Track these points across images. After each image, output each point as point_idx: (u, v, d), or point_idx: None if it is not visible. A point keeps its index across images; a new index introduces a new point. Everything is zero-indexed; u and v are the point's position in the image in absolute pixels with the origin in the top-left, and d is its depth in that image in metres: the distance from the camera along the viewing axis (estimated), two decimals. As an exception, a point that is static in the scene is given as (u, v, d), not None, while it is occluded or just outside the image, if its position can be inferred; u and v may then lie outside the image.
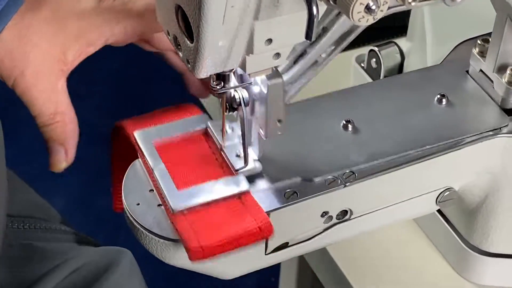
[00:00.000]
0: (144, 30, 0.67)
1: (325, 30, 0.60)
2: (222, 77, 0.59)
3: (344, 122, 0.66)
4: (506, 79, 0.67)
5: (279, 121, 0.60)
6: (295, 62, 0.61)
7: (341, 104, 0.68)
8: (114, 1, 0.66)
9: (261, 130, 0.61)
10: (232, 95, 0.61)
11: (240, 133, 0.63)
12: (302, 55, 0.61)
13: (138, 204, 0.62)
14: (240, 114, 0.61)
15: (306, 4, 0.50)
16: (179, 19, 0.55)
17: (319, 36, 0.60)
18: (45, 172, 1.99)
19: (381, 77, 0.85)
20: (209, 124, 0.65)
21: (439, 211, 0.74)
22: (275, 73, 0.58)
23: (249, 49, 0.55)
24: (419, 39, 0.82)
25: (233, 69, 0.58)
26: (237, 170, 0.62)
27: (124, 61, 2.07)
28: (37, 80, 0.63)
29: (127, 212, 0.62)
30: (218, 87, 0.58)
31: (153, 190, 0.63)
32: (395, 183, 0.65)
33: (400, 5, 0.57)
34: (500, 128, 0.66)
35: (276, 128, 0.60)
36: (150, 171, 0.62)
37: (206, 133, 0.65)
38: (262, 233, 0.59)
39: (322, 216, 0.64)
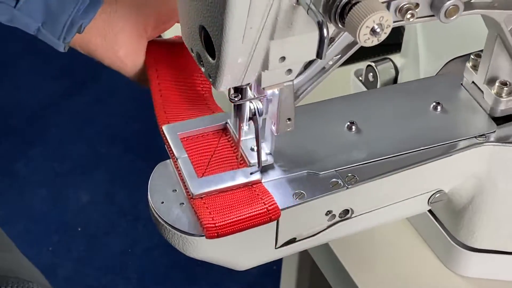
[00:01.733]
0: None
1: (332, 41, 0.60)
2: (239, 90, 0.59)
3: (348, 123, 0.67)
4: (495, 91, 0.68)
5: (289, 119, 0.60)
6: (305, 68, 0.61)
7: (346, 108, 0.69)
8: None
9: (273, 127, 0.61)
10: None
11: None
12: (311, 61, 0.61)
13: (162, 202, 0.62)
14: (254, 123, 0.61)
15: (317, 26, 0.50)
16: (202, 38, 0.55)
17: (328, 45, 0.59)
18: (73, 169, 2.00)
19: (378, 90, 0.85)
20: (228, 121, 0.65)
21: (430, 211, 0.74)
22: None
23: (265, 66, 0.55)
24: (412, 55, 0.82)
25: (249, 83, 0.57)
26: (250, 163, 0.63)
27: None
28: (128, 57, 0.68)
29: (152, 209, 0.62)
30: (236, 98, 0.58)
31: (176, 190, 0.63)
32: (392, 186, 0.65)
33: (400, 21, 0.57)
34: (488, 133, 0.67)
35: (286, 125, 0.61)
36: (174, 160, 0.63)
37: (225, 129, 0.66)
38: (270, 215, 0.59)
39: (326, 214, 0.64)
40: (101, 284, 1.67)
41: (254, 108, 0.61)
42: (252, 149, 0.63)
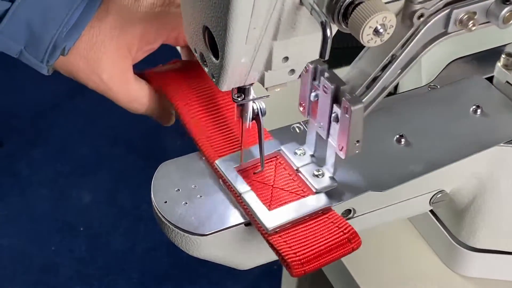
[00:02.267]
0: None
1: (394, 57, 0.60)
2: (242, 90, 0.58)
3: (398, 136, 0.66)
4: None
5: (358, 141, 0.59)
6: (367, 87, 0.60)
7: (389, 120, 0.68)
8: (175, 7, 0.66)
9: (339, 151, 0.60)
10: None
11: (311, 153, 0.63)
12: (374, 80, 0.60)
13: (166, 202, 0.62)
14: (257, 123, 0.61)
15: (320, 27, 0.50)
16: (206, 38, 0.55)
17: (389, 63, 0.60)
18: (76, 170, 2.01)
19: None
20: (282, 148, 0.64)
21: (431, 211, 0.74)
22: (355, 99, 0.57)
23: (268, 66, 0.55)
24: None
25: (252, 83, 0.57)
26: (317, 189, 0.61)
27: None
28: (114, 81, 0.65)
29: (155, 209, 0.62)
30: (239, 99, 0.58)
31: (179, 190, 0.63)
32: (394, 189, 0.64)
33: (460, 30, 0.58)
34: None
35: (355, 148, 0.60)
36: (236, 196, 0.61)
37: (280, 156, 0.64)
38: (352, 245, 0.58)
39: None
40: (103, 284, 1.67)
41: (258, 108, 0.61)
42: (315, 175, 0.62)
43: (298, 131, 0.66)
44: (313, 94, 0.60)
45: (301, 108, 0.63)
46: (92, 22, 0.63)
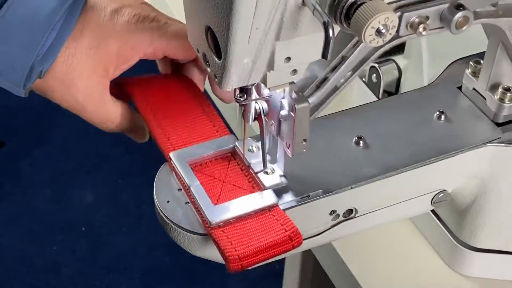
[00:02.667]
0: (173, 54, 0.67)
1: (344, 59, 0.60)
2: (245, 90, 0.59)
3: (356, 138, 0.66)
4: (498, 96, 0.67)
5: (305, 140, 0.60)
6: (318, 87, 0.61)
7: (351, 122, 0.68)
8: (149, 23, 0.65)
9: (287, 149, 0.60)
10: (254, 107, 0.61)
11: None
12: (324, 81, 0.61)
13: (168, 201, 0.62)
14: (260, 123, 0.61)
15: (322, 27, 0.50)
16: (209, 39, 0.55)
17: (339, 64, 0.60)
18: (77, 169, 2.01)
19: (381, 90, 0.85)
20: (236, 144, 0.64)
21: (432, 211, 0.74)
22: (301, 98, 0.57)
23: (270, 66, 0.55)
24: (415, 57, 0.82)
25: (255, 83, 0.58)
26: (265, 186, 0.61)
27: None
28: (89, 102, 0.64)
29: (158, 209, 0.62)
30: (241, 99, 0.59)
31: (181, 190, 0.63)
32: (396, 186, 0.65)
33: (411, 34, 0.57)
34: (493, 140, 0.67)
35: (302, 147, 0.60)
36: (186, 188, 0.62)
37: (234, 152, 0.64)
38: (293, 243, 0.58)
39: (330, 214, 0.64)
40: (104, 284, 1.67)
41: (260, 108, 0.61)
42: (265, 172, 0.62)
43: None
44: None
45: None
46: (67, 42, 0.62)
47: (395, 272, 0.75)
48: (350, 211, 0.65)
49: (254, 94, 0.59)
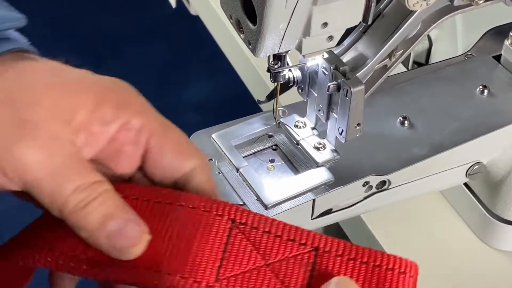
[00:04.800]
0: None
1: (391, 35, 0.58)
2: (278, 57, 0.57)
3: (401, 119, 0.65)
4: (539, 67, 0.65)
5: (358, 124, 0.58)
6: (368, 68, 0.59)
7: (393, 101, 0.66)
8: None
9: (339, 135, 0.59)
10: (287, 76, 0.59)
11: (312, 125, 0.61)
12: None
13: None
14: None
15: (363, -10, 0.49)
16: (243, 4, 0.54)
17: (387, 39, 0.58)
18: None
19: (410, 61, 0.83)
20: (282, 120, 0.62)
21: (465, 183, 0.72)
22: (356, 80, 0.56)
23: (306, 32, 0.54)
24: (448, 26, 0.79)
25: (289, 50, 0.56)
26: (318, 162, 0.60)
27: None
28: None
29: None
30: (275, 66, 0.57)
31: (211, 160, 0.62)
32: (432, 159, 0.63)
33: (469, 5, 0.55)
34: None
35: (355, 131, 0.58)
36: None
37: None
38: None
39: (363, 185, 0.62)
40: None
41: (293, 77, 0.59)
42: (316, 148, 0.60)
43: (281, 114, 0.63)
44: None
45: (300, 90, 0.61)
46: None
47: (426, 247, 0.74)
48: (383, 182, 0.63)
49: (288, 61, 0.58)
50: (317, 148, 0.61)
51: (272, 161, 0.62)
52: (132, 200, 0.44)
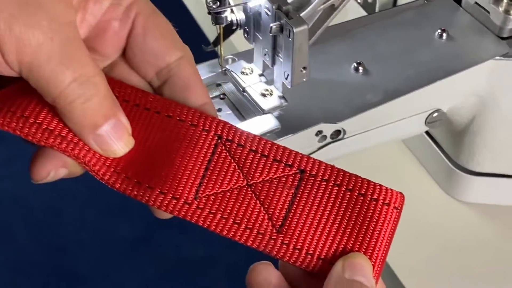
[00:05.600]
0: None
1: None
2: (218, -2, 0.54)
3: (355, 65, 0.62)
4: (503, 9, 0.63)
5: (304, 68, 0.54)
6: (314, 8, 0.55)
7: (348, 47, 0.63)
8: None
9: (285, 80, 0.56)
10: (230, 19, 0.56)
11: (260, 72, 0.59)
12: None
13: None
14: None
15: None
16: None
17: None
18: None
19: (376, 11, 0.80)
20: (227, 67, 0.60)
21: (428, 133, 0.71)
22: (299, 20, 0.52)
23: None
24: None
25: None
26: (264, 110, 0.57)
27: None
28: None
29: None
30: (214, 6, 0.54)
31: None
32: (386, 106, 0.60)
33: None
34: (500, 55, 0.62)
35: (301, 75, 0.55)
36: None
37: None
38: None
39: (316, 135, 0.60)
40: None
41: (236, 19, 0.56)
42: (262, 95, 0.58)
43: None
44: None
45: (246, 35, 0.58)
46: None
47: None
48: (337, 132, 0.61)
49: (229, 1, 0.55)
50: (264, 95, 0.58)
51: (219, 110, 0.60)
52: (122, 102, 0.43)
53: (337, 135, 0.61)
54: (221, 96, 0.61)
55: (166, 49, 0.43)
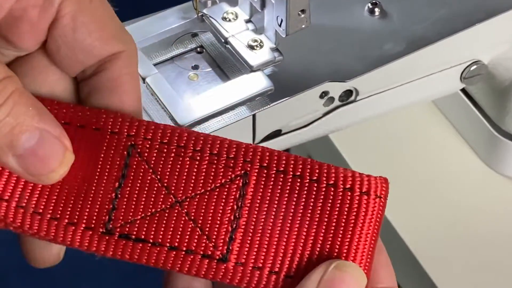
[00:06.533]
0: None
1: None
2: None
3: (370, 5, 0.57)
4: None
5: (303, 11, 0.49)
6: None
7: None
8: None
9: (279, 28, 0.50)
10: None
11: (246, 17, 0.53)
12: None
13: None
14: None
15: None
16: None
17: None
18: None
19: None
20: (205, 11, 0.54)
21: (464, 91, 0.65)
22: None
23: None
24: None
25: None
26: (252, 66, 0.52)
27: None
28: None
29: None
30: None
31: None
32: (410, 58, 0.55)
33: None
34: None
35: (299, 21, 0.50)
36: None
37: None
38: None
39: (321, 97, 0.53)
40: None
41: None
42: (250, 47, 0.52)
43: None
44: None
45: None
46: None
47: (419, 171, 0.68)
48: (348, 93, 0.54)
49: None
50: (252, 47, 0.52)
51: (195, 67, 0.54)
52: None
53: (347, 96, 0.55)
54: (198, 49, 0.56)
55: (100, 43, 0.37)
